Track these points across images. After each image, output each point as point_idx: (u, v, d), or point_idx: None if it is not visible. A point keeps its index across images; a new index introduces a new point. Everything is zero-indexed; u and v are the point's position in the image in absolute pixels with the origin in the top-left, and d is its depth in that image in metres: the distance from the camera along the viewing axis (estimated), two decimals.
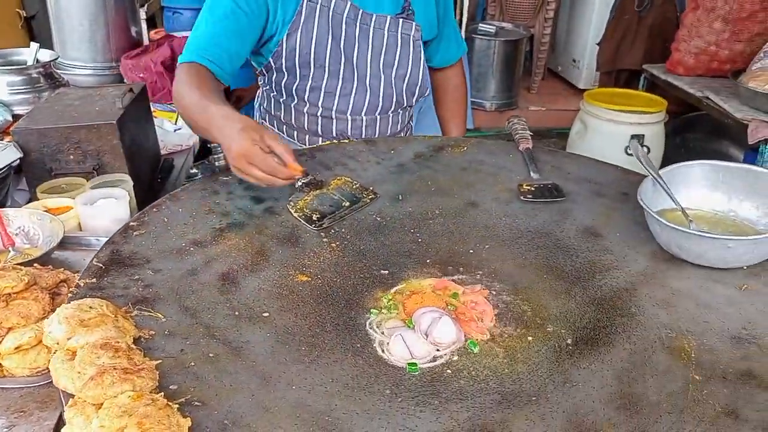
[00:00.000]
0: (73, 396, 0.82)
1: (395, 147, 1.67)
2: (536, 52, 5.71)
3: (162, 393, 0.83)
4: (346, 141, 1.69)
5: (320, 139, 1.84)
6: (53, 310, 0.99)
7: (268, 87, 1.87)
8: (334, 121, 1.81)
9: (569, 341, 1.02)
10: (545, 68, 5.94)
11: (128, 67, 2.58)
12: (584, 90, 4.51)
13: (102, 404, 0.77)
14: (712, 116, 3.31)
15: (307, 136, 1.87)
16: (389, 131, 1.89)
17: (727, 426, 0.86)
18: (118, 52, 2.72)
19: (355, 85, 1.76)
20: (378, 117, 1.84)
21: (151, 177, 2.00)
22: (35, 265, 1.21)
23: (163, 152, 2.17)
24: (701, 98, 3.31)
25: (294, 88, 1.78)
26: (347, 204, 1.38)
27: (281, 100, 1.84)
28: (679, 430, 0.85)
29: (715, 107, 3.18)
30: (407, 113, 1.94)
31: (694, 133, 4.07)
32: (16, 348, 1.02)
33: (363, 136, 1.84)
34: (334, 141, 1.71)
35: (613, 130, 3.59)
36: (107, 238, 1.23)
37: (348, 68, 1.74)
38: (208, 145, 3.15)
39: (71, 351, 0.85)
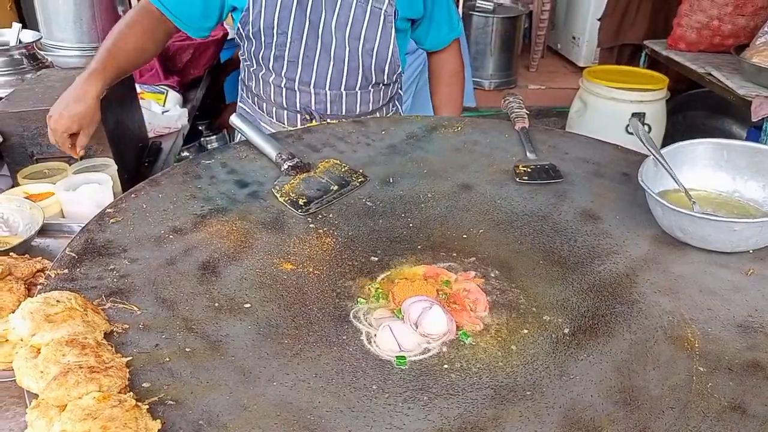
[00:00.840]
0: (37, 396, 0.77)
1: (386, 128, 1.61)
2: (535, 29, 5.61)
3: (132, 392, 0.78)
4: (335, 122, 1.62)
5: (286, 112, 1.81)
6: None
7: (244, 56, 1.84)
8: (298, 93, 1.78)
9: (566, 331, 0.97)
10: (545, 46, 5.84)
11: None
12: (584, 68, 4.43)
13: (66, 406, 0.72)
14: (715, 93, 3.24)
15: (274, 109, 1.84)
16: (358, 110, 1.83)
17: (733, 421, 0.82)
18: (105, 32, 2.62)
19: (318, 53, 1.72)
20: (344, 93, 1.79)
21: (138, 161, 1.94)
22: (11, 254, 1.16)
23: (150, 135, 2.11)
24: (703, 74, 3.24)
25: (260, 56, 1.75)
26: (335, 188, 1.32)
27: (252, 69, 1.83)
28: (683, 427, 0.81)
29: (717, 84, 3.11)
30: (381, 92, 1.86)
31: (696, 110, 4.00)
32: None
33: (328, 113, 1.79)
34: (321, 123, 1.65)
35: (614, 108, 3.53)
36: None
37: (312, 35, 1.70)
38: (199, 128, 3.09)
39: (36, 348, 0.80)
